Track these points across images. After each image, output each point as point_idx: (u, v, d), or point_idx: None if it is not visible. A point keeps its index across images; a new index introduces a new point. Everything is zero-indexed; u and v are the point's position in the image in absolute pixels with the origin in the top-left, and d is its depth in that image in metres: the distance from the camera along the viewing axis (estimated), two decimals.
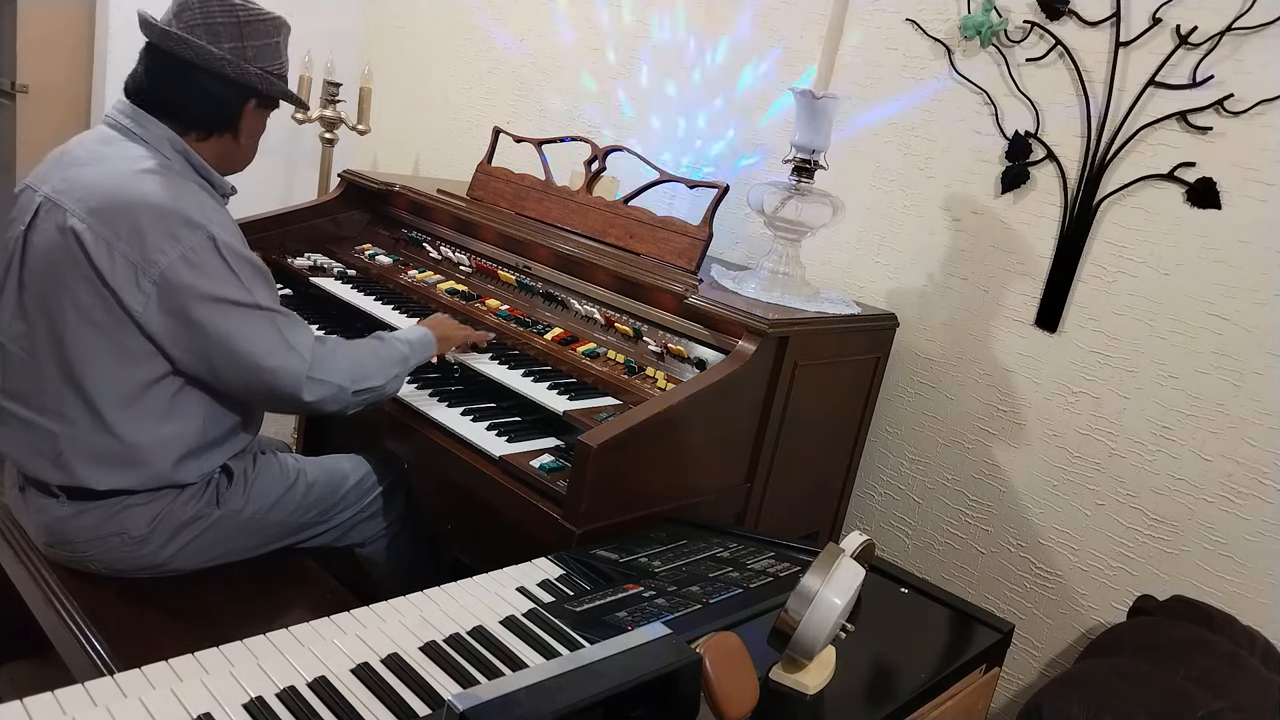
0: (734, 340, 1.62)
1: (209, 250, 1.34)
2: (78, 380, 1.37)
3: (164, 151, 1.42)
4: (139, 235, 1.31)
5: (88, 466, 1.39)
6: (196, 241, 1.33)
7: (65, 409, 1.38)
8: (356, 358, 1.49)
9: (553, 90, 2.75)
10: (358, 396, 1.47)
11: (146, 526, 1.43)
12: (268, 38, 1.47)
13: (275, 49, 1.49)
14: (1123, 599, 1.74)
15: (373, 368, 1.50)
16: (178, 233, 1.32)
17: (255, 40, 1.45)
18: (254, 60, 1.45)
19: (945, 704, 1.21)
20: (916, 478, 2.05)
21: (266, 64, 1.47)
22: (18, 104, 2.96)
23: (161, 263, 1.31)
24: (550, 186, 2.13)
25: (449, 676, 1.00)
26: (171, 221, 1.33)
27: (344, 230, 2.37)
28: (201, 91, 1.43)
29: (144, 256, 1.31)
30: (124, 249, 1.31)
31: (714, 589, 1.24)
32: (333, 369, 1.43)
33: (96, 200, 1.33)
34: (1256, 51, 1.54)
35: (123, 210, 1.32)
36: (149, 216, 1.32)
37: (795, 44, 2.16)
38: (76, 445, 1.39)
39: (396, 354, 1.56)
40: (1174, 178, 1.64)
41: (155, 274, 1.32)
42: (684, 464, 1.57)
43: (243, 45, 1.44)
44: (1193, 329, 1.64)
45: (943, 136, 1.94)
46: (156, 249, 1.31)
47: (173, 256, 1.32)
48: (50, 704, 0.87)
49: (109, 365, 1.36)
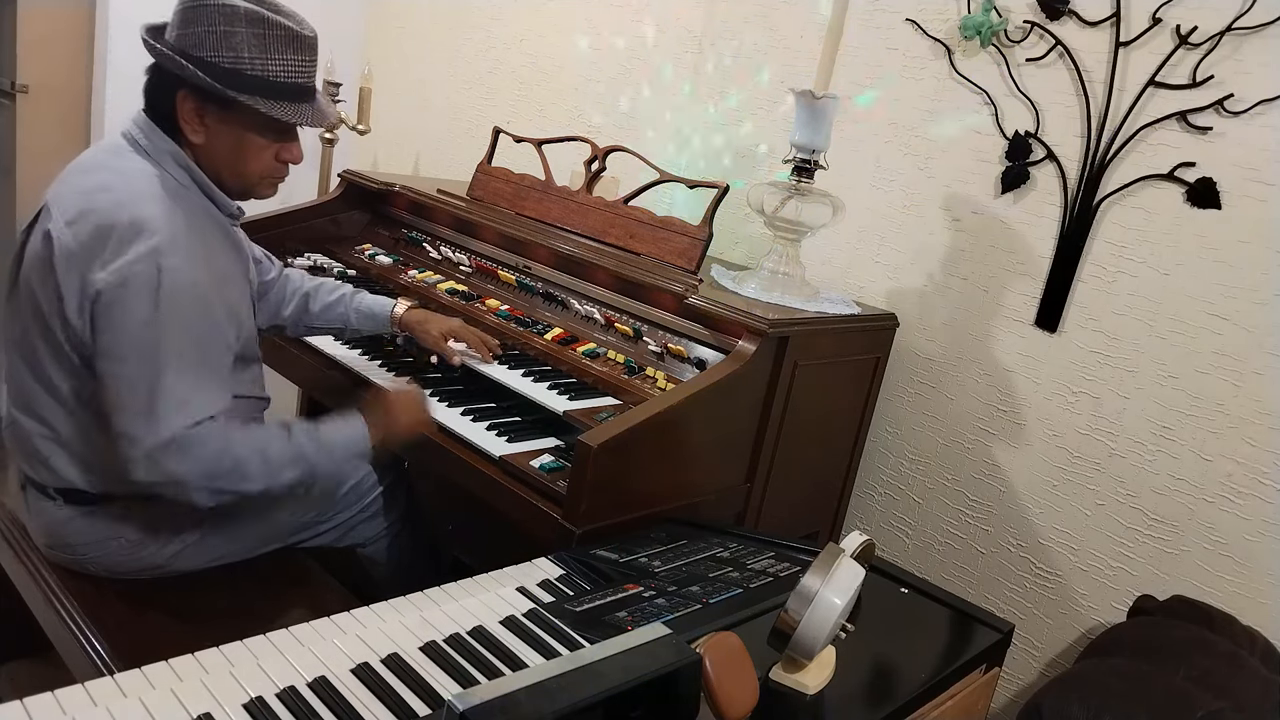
0: (734, 340, 1.62)
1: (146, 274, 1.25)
2: (56, 387, 1.35)
3: (166, 166, 1.35)
4: (92, 252, 1.26)
5: (79, 472, 1.39)
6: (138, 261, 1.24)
7: (49, 415, 1.37)
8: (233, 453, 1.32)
9: (553, 90, 2.75)
10: (214, 495, 1.32)
11: (145, 530, 1.43)
12: (208, 24, 1.30)
13: (223, 38, 1.30)
14: (1123, 599, 1.74)
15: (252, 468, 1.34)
16: (125, 249, 1.25)
17: (193, 26, 1.31)
18: (191, 48, 1.30)
19: (945, 704, 1.21)
20: (916, 478, 2.05)
21: (206, 53, 1.30)
22: (18, 104, 2.95)
23: (98, 282, 1.25)
24: (550, 186, 2.13)
25: (449, 676, 1.00)
26: (125, 237, 1.25)
27: (344, 230, 2.37)
28: (150, 86, 1.37)
29: (89, 275, 1.25)
30: (79, 262, 1.26)
31: (714, 589, 1.24)
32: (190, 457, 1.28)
33: (76, 211, 1.28)
34: (1256, 51, 1.54)
35: (89, 222, 1.27)
36: (107, 232, 1.26)
37: (795, 44, 2.16)
38: (64, 451, 1.38)
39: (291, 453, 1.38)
40: (1174, 178, 1.64)
41: (92, 293, 1.25)
42: (684, 464, 1.57)
43: (183, 32, 1.31)
44: (1193, 329, 1.64)
45: (943, 136, 1.94)
46: (101, 266, 1.25)
47: (111, 279, 1.24)
48: (50, 704, 0.87)
49: (81, 372, 1.33)
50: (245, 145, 1.39)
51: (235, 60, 1.32)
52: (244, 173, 1.42)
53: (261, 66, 1.33)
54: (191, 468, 1.28)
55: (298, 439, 1.39)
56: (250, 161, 1.41)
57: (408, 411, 1.54)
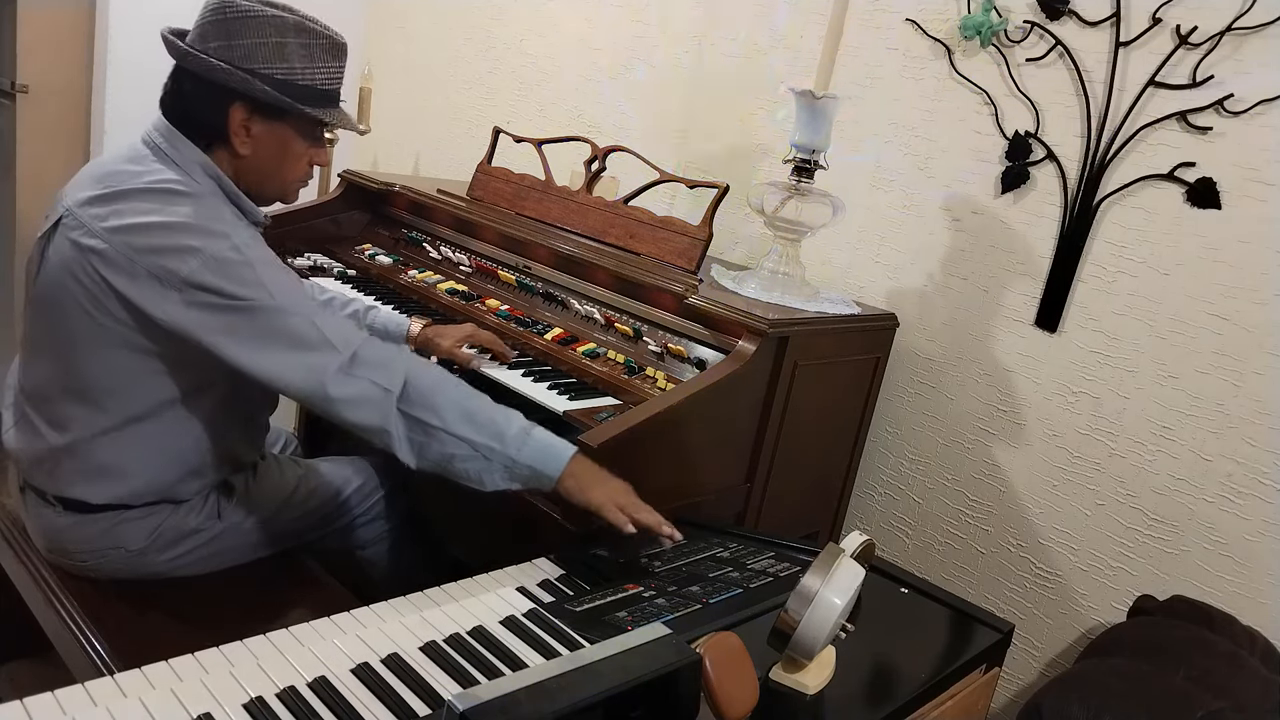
0: (734, 340, 1.62)
1: (230, 258, 1.28)
2: (85, 397, 1.34)
3: (194, 175, 1.35)
4: (158, 251, 1.26)
5: (83, 480, 1.38)
6: (217, 249, 1.27)
7: (67, 421, 1.36)
8: (424, 376, 1.32)
9: (553, 90, 2.75)
10: (405, 417, 1.30)
11: (145, 539, 1.43)
12: (260, 37, 1.32)
13: (276, 50, 1.34)
14: (1123, 599, 1.74)
15: (444, 399, 1.30)
16: (196, 243, 1.27)
17: (243, 39, 1.32)
18: (241, 59, 1.32)
19: (945, 704, 1.21)
20: (916, 478, 2.05)
21: (260, 65, 1.33)
22: (18, 104, 2.95)
23: (183, 271, 1.26)
24: (550, 186, 2.13)
25: (449, 676, 1.00)
26: (188, 235, 1.27)
27: (344, 230, 2.37)
28: (187, 95, 1.35)
29: (165, 269, 1.26)
30: (145, 263, 1.26)
31: (714, 589, 1.24)
32: (376, 369, 1.30)
33: (116, 221, 1.28)
34: (1256, 51, 1.54)
35: (141, 230, 1.27)
36: (166, 234, 1.27)
37: (795, 44, 2.16)
38: (72, 458, 1.37)
39: (491, 417, 1.32)
40: (1174, 178, 1.64)
41: (177, 282, 1.26)
42: (684, 464, 1.57)
43: (229, 44, 1.32)
44: (1193, 329, 1.64)
45: (943, 136, 1.93)
46: (176, 260, 1.26)
47: (194, 264, 1.26)
48: (50, 704, 0.87)
49: (120, 384, 1.33)
50: (288, 153, 1.42)
51: (289, 71, 1.35)
52: (284, 180, 1.45)
53: (310, 76, 1.38)
54: (383, 378, 1.29)
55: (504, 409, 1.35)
56: (290, 169, 1.44)
57: (611, 492, 1.35)
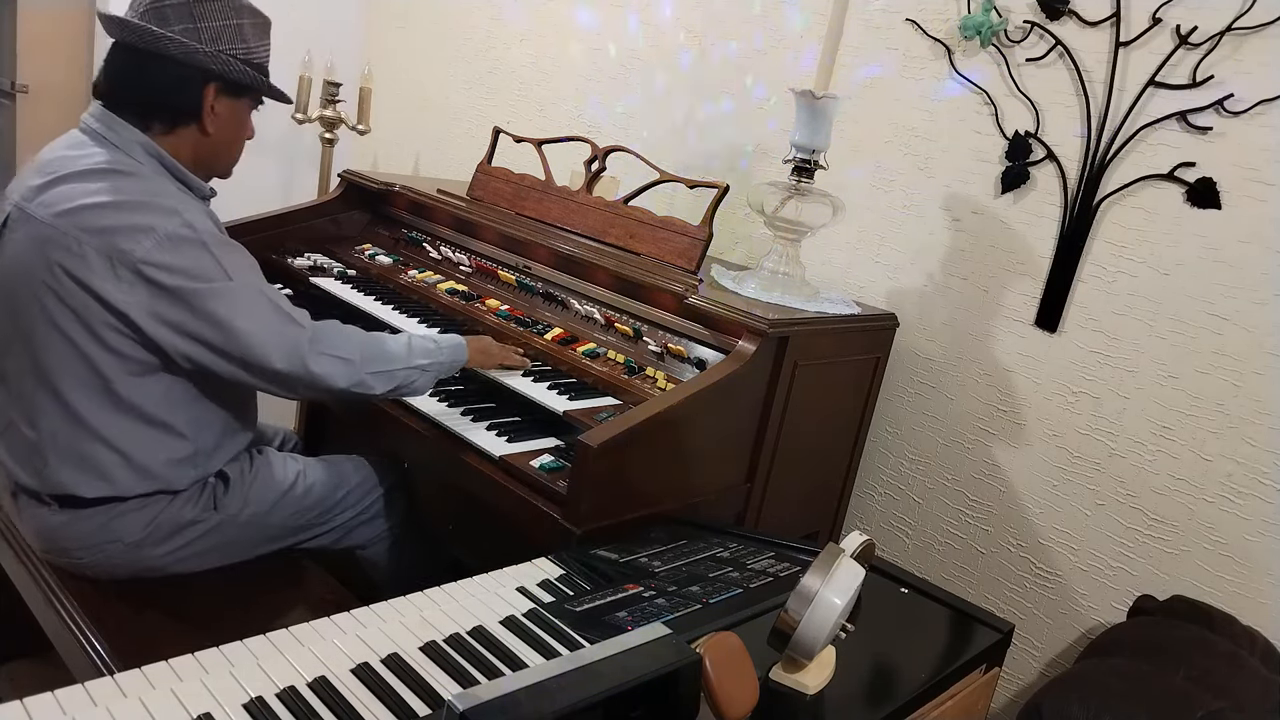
0: (734, 340, 1.62)
1: (184, 235, 1.31)
2: (53, 387, 1.35)
3: (135, 156, 1.38)
4: (108, 232, 1.29)
5: (72, 474, 1.38)
6: (170, 228, 1.30)
7: (42, 418, 1.37)
8: (369, 337, 1.46)
9: (553, 90, 2.75)
10: (373, 376, 1.44)
11: (141, 531, 1.43)
12: (224, 18, 1.39)
13: (237, 31, 1.41)
14: (1123, 599, 1.74)
15: (390, 350, 1.47)
16: (147, 222, 1.29)
17: (209, 21, 1.38)
18: (209, 41, 1.38)
19: (945, 704, 1.21)
20: (916, 478, 2.05)
21: (225, 46, 1.39)
22: (18, 104, 2.96)
23: (137, 252, 1.28)
24: (550, 186, 2.13)
25: (449, 676, 1.00)
26: (139, 214, 1.30)
27: (344, 230, 2.37)
28: (154, 78, 1.37)
29: (117, 249, 1.28)
30: (95, 244, 1.28)
31: (714, 589, 1.24)
32: (339, 344, 1.40)
33: (63, 205, 1.30)
34: (1256, 51, 1.54)
35: (89, 211, 1.29)
36: (116, 214, 1.29)
37: (795, 44, 2.16)
38: (57, 453, 1.37)
39: (419, 346, 1.52)
40: (1174, 178, 1.64)
41: (131, 263, 1.28)
42: (684, 464, 1.57)
43: (195, 26, 1.37)
44: (1193, 329, 1.64)
45: (943, 136, 1.94)
46: (129, 240, 1.28)
47: (147, 245, 1.29)
48: (50, 704, 0.87)
49: (83, 370, 1.34)
50: (241, 129, 1.50)
51: (248, 51, 1.43)
52: (235, 155, 1.53)
53: (260, 54, 1.46)
54: (348, 350, 1.41)
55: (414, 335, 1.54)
56: (238, 143, 1.52)
57: (479, 339, 1.68)
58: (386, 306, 1.99)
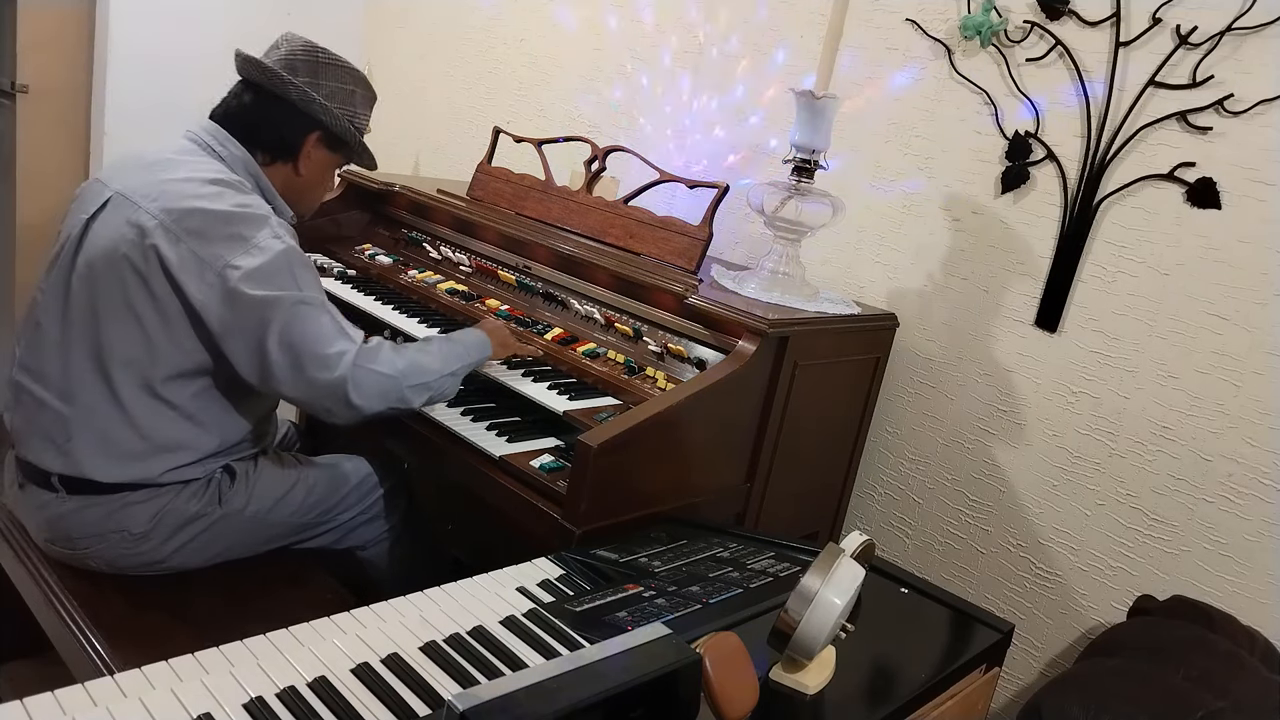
0: (734, 340, 1.62)
1: (272, 248, 1.40)
2: (104, 364, 1.40)
3: (239, 172, 1.51)
4: (205, 235, 1.38)
5: (94, 456, 1.41)
6: (260, 240, 1.40)
7: (85, 393, 1.41)
8: (405, 352, 1.50)
9: (553, 90, 2.75)
10: (411, 390, 1.47)
11: (147, 523, 1.44)
12: (342, 83, 1.60)
13: (349, 95, 1.61)
14: (1123, 599, 1.74)
15: (424, 363, 1.51)
16: (241, 233, 1.40)
17: (329, 80, 1.58)
18: (326, 97, 1.57)
19: (945, 704, 1.21)
20: (916, 478, 2.05)
21: (337, 105, 1.59)
22: (18, 104, 2.95)
23: (226, 256, 1.38)
24: (550, 186, 2.13)
25: (449, 676, 1.00)
26: (235, 224, 1.40)
27: (344, 230, 2.37)
28: (270, 114, 1.55)
29: (210, 252, 1.38)
30: (191, 244, 1.38)
31: (714, 589, 1.24)
32: (382, 360, 1.45)
33: (170, 200, 1.40)
34: (1256, 51, 1.54)
35: (193, 212, 1.39)
36: (215, 219, 1.39)
37: (795, 44, 2.16)
38: (88, 432, 1.41)
39: (449, 351, 1.56)
40: (1174, 178, 1.64)
41: (219, 267, 1.37)
42: (684, 464, 1.57)
43: (315, 81, 1.56)
44: (1193, 329, 1.64)
45: (943, 136, 1.93)
46: (224, 245, 1.38)
47: (237, 252, 1.38)
48: (50, 704, 0.87)
49: (140, 354, 1.40)
50: (325, 179, 1.69)
51: (353, 116, 1.64)
52: (315, 198, 1.70)
53: (362, 121, 1.67)
54: (389, 367, 1.45)
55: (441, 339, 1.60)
56: (321, 188, 1.70)
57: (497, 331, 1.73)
58: (386, 306, 1.99)
